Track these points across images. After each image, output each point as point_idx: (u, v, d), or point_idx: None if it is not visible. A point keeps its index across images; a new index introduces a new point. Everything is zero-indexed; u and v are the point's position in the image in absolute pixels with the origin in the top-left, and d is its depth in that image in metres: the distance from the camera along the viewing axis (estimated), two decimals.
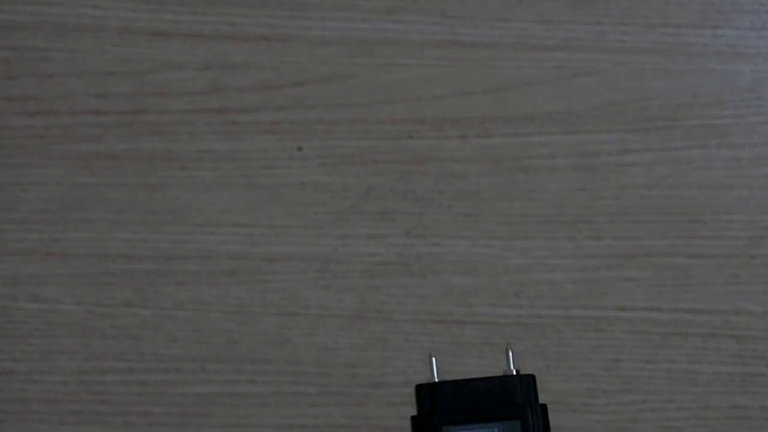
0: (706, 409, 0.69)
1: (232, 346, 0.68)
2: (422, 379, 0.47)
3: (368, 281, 0.69)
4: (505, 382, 0.42)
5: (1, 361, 0.69)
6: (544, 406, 0.42)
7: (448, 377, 0.50)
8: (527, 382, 0.42)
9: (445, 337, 0.69)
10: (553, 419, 0.74)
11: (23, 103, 0.71)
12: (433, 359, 0.43)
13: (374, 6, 0.72)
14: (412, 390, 0.50)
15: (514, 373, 0.43)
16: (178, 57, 0.71)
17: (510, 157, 0.70)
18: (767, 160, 0.70)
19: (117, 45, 0.71)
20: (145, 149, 0.70)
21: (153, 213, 0.69)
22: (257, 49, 0.71)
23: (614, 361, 0.69)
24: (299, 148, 0.71)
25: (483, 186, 0.70)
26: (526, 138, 0.70)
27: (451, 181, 0.70)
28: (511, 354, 0.43)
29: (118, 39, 0.71)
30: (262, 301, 0.69)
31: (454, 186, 0.70)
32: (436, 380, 0.43)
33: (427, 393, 0.42)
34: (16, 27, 0.72)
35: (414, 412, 0.44)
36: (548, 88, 0.71)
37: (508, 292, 0.69)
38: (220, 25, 0.72)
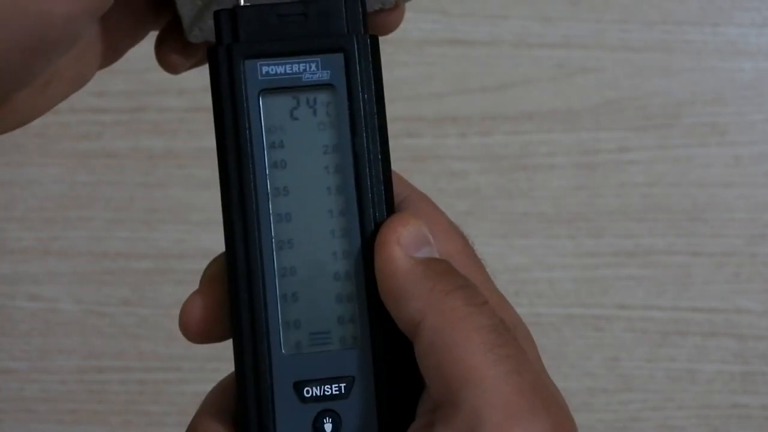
0: (707, 408, 0.69)
1: (231, 344, 0.68)
2: None
3: None
4: (326, 5, 0.32)
5: (0, 360, 0.68)
6: (374, 38, 0.32)
7: None
8: (354, 7, 0.32)
9: None
10: None
11: None
12: None
13: None
14: None
15: None
16: None
17: (510, 155, 0.70)
18: None
19: None
20: (144, 147, 0.70)
21: (152, 211, 0.69)
22: None
23: (614, 360, 0.69)
24: None
25: (482, 184, 0.70)
26: (526, 136, 0.70)
27: (450, 179, 0.70)
28: None
29: None
30: None
31: (454, 184, 0.70)
32: (242, 3, 0.32)
33: (227, 19, 0.32)
34: None
35: None
36: (548, 86, 0.70)
37: (508, 290, 0.69)
38: None
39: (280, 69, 0.32)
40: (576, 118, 0.70)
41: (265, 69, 0.32)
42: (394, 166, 0.35)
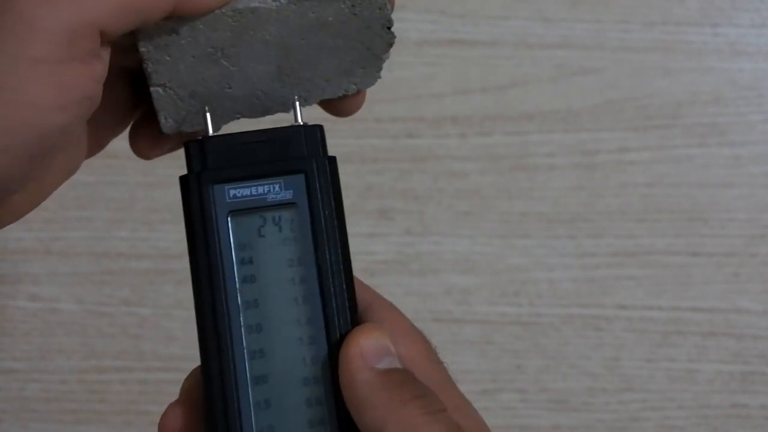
0: (706, 408, 0.69)
1: None
2: None
3: (368, 280, 0.69)
4: (287, 133, 0.35)
5: (0, 360, 0.69)
6: (332, 159, 0.35)
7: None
8: (313, 133, 0.35)
9: (445, 335, 0.69)
10: (554, 418, 0.75)
11: None
12: (207, 112, 0.36)
13: None
14: None
15: (300, 123, 0.36)
16: None
17: (510, 155, 0.70)
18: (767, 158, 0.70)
19: None
20: None
21: (152, 211, 0.69)
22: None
23: (614, 360, 0.69)
24: None
25: (483, 184, 0.70)
26: (526, 136, 0.70)
27: (450, 179, 0.70)
28: (298, 105, 0.36)
29: None
30: None
31: (454, 184, 0.70)
32: (210, 134, 0.36)
33: (196, 149, 0.35)
34: None
35: None
36: (548, 87, 0.70)
37: (508, 290, 0.69)
38: None
39: (247, 191, 0.35)
40: (576, 118, 0.70)
41: (232, 192, 0.35)
42: (396, 167, 0.35)
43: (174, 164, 0.70)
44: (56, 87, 0.32)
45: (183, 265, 0.70)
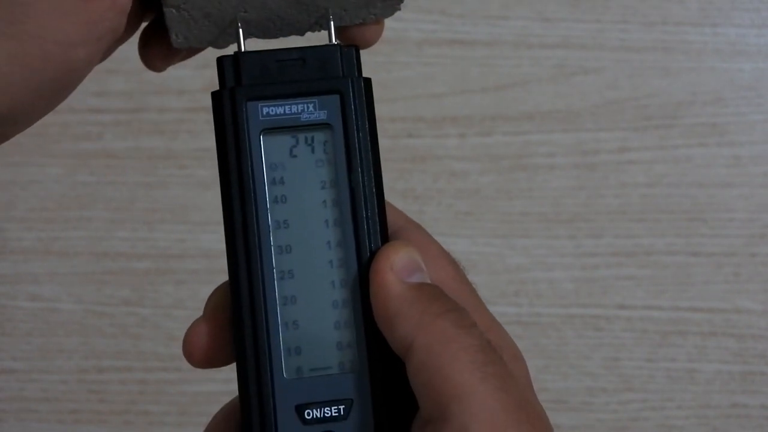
0: (706, 408, 0.69)
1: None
2: None
3: None
4: (323, 52, 0.35)
5: (0, 360, 0.69)
6: (367, 80, 0.35)
7: None
8: (349, 53, 0.35)
9: None
10: (553, 418, 0.75)
11: None
12: (240, 28, 0.35)
13: None
14: None
15: (335, 43, 0.36)
16: None
17: (509, 155, 0.70)
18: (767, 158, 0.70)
19: None
20: (145, 148, 0.70)
21: (152, 211, 0.69)
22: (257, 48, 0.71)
23: (614, 360, 0.69)
24: None
25: (482, 184, 0.70)
26: (526, 136, 0.70)
27: (450, 179, 0.70)
28: (332, 25, 0.36)
29: None
30: None
31: (454, 184, 0.70)
32: (243, 50, 0.35)
33: (230, 65, 0.35)
34: None
35: None
36: (548, 87, 0.70)
37: (508, 290, 0.69)
38: None
39: (280, 110, 0.34)
40: (576, 118, 0.70)
41: (266, 110, 0.34)
42: (396, 167, 0.35)
43: (172, 164, 0.70)
44: (82, 23, 0.31)
45: (183, 265, 0.70)
